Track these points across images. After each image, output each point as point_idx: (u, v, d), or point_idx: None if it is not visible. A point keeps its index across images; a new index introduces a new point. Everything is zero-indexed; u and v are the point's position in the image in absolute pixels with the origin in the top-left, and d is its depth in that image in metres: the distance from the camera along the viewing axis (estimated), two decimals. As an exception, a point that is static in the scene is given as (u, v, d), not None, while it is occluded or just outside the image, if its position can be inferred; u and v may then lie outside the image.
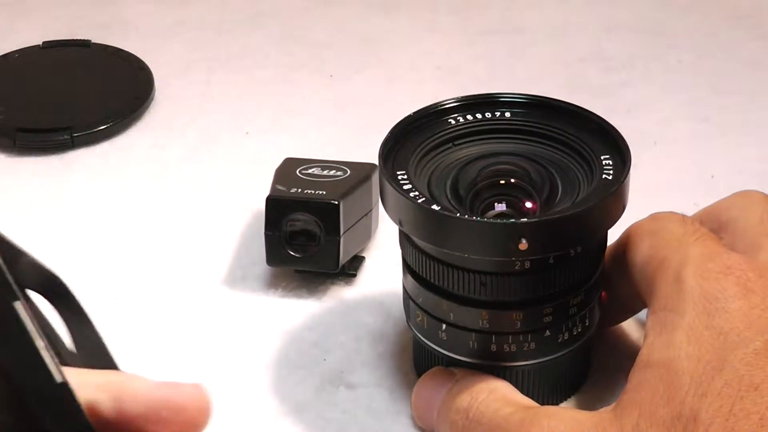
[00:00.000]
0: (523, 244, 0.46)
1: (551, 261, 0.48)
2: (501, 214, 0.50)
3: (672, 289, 0.46)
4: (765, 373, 0.43)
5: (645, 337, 0.47)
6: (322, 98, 0.79)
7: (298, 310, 0.60)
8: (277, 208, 0.59)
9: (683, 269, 0.46)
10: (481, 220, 0.48)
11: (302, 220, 0.59)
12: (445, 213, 0.47)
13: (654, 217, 0.50)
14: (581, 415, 0.46)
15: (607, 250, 0.52)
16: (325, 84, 0.80)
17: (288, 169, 0.62)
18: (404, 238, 0.51)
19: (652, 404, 0.43)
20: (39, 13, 0.89)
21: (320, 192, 0.59)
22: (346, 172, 0.61)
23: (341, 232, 0.59)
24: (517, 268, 0.48)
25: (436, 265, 0.49)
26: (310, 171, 0.61)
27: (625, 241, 0.51)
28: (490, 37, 0.85)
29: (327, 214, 0.58)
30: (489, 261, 0.48)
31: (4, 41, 0.85)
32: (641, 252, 0.49)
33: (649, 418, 0.43)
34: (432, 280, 0.50)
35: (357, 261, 0.62)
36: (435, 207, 0.47)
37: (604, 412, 0.45)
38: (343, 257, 0.60)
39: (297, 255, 0.59)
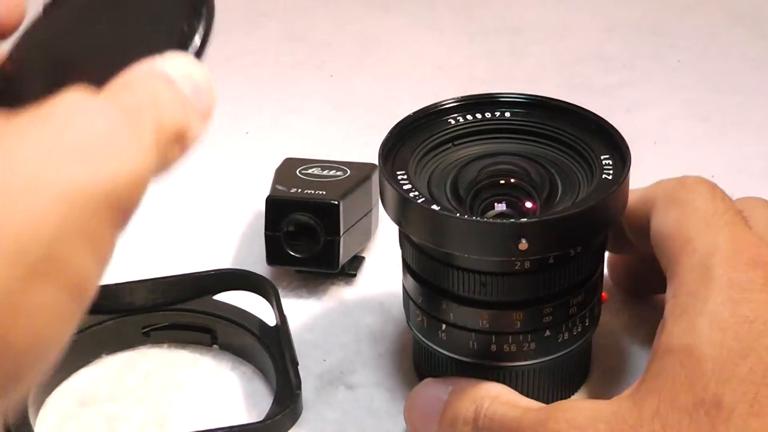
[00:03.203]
0: (523, 244, 0.46)
1: (551, 261, 0.48)
2: (501, 214, 0.50)
3: (697, 276, 0.45)
4: None
5: (664, 322, 0.46)
6: (322, 98, 0.79)
7: (298, 311, 0.59)
8: (277, 208, 0.59)
9: (711, 258, 0.45)
10: (481, 220, 0.48)
11: (302, 220, 0.59)
12: (445, 213, 0.47)
13: (683, 184, 0.49)
14: (597, 405, 0.45)
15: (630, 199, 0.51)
16: (325, 84, 0.80)
17: (288, 169, 0.62)
18: (404, 238, 0.51)
19: (673, 390, 0.43)
20: (39, 12, 0.89)
21: (320, 192, 0.59)
22: (346, 172, 0.61)
23: (341, 232, 0.58)
24: (517, 268, 0.48)
25: (435, 265, 0.49)
26: (310, 171, 0.61)
27: (650, 201, 0.50)
28: (490, 37, 0.85)
29: (327, 214, 0.58)
30: (489, 261, 0.48)
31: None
32: (666, 223, 0.48)
33: (669, 404, 0.42)
34: (432, 281, 0.50)
35: (357, 261, 0.62)
36: (435, 207, 0.47)
37: (622, 400, 0.44)
38: (343, 257, 0.60)
39: (297, 255, 0.59)
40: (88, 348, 0.56)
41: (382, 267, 0.62)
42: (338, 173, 0.61)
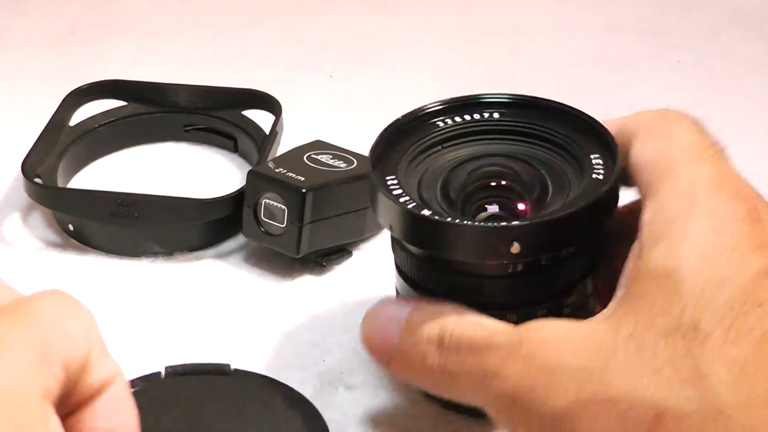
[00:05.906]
0: (515, 248, 0.46)
1: (544, 262, 0.48)
2: (493, 216, 0.50)
3: (678, 202, 0.45)
4: None
5: (641, 245, 0.45)
6: (322, 98, 0.79)
7: (297, 311, 0.60)
8: (254, 183, 0.60)
9: (695, 186, 0.45)
10: (472, 224, 0.48)
11: (271, 202, 0.60)
12: (436, 218, 0.47)
13: (664, 117, 0.49)
14: (571, 326, 0.44)
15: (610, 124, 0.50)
16: (325, 84, 0.80)
17: (299, 150, 0.63)
18: (395, 243, 0.51)
19: (650, 314, 0.42)
20: (39, 11, 0.89)
21: (299, 178, 0.59)
22: (352, 163, 0.62)
23: (306, 220, 0.59)
24: (509, 270, 0.48)
25: (427, 269, 0.49)
26: (317, 156, 0.62)
27: (630, 132, 0.49)
28: (490, 38, 0.85)
29: (294, 200, 0.59)
30: (481, 264, 0.48)
31: (4, 39, 0.85)
32: (646, 152, 0.47)
33: (645, 327, 0.42)
34: (424, 284, 0.50)
35: (339, 254, 0.62)
36: (426, 212, 0.47)
37: (597, 322, 0.44)
38: (309, 246, 0.60)
39: (265, 232, 0.60)
40: (131, 134, 0.71)
41: (382, 267, 0.62)
42: (342, 164, 0.61)
